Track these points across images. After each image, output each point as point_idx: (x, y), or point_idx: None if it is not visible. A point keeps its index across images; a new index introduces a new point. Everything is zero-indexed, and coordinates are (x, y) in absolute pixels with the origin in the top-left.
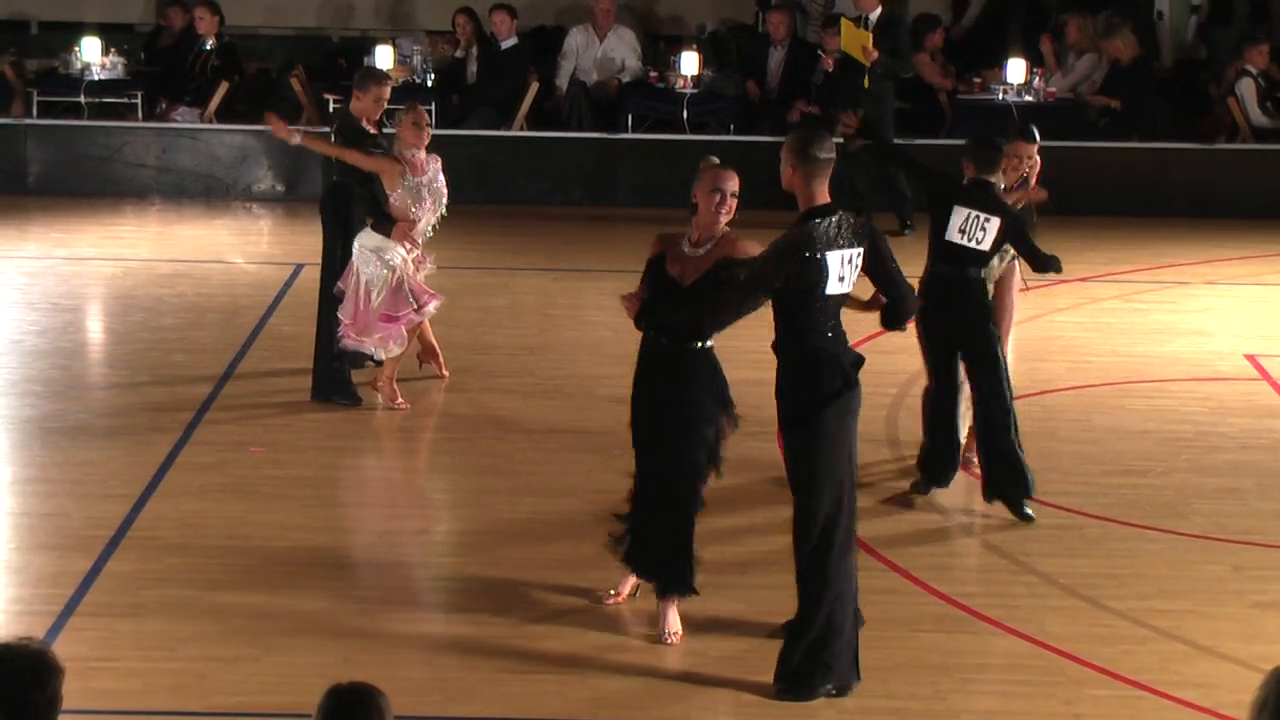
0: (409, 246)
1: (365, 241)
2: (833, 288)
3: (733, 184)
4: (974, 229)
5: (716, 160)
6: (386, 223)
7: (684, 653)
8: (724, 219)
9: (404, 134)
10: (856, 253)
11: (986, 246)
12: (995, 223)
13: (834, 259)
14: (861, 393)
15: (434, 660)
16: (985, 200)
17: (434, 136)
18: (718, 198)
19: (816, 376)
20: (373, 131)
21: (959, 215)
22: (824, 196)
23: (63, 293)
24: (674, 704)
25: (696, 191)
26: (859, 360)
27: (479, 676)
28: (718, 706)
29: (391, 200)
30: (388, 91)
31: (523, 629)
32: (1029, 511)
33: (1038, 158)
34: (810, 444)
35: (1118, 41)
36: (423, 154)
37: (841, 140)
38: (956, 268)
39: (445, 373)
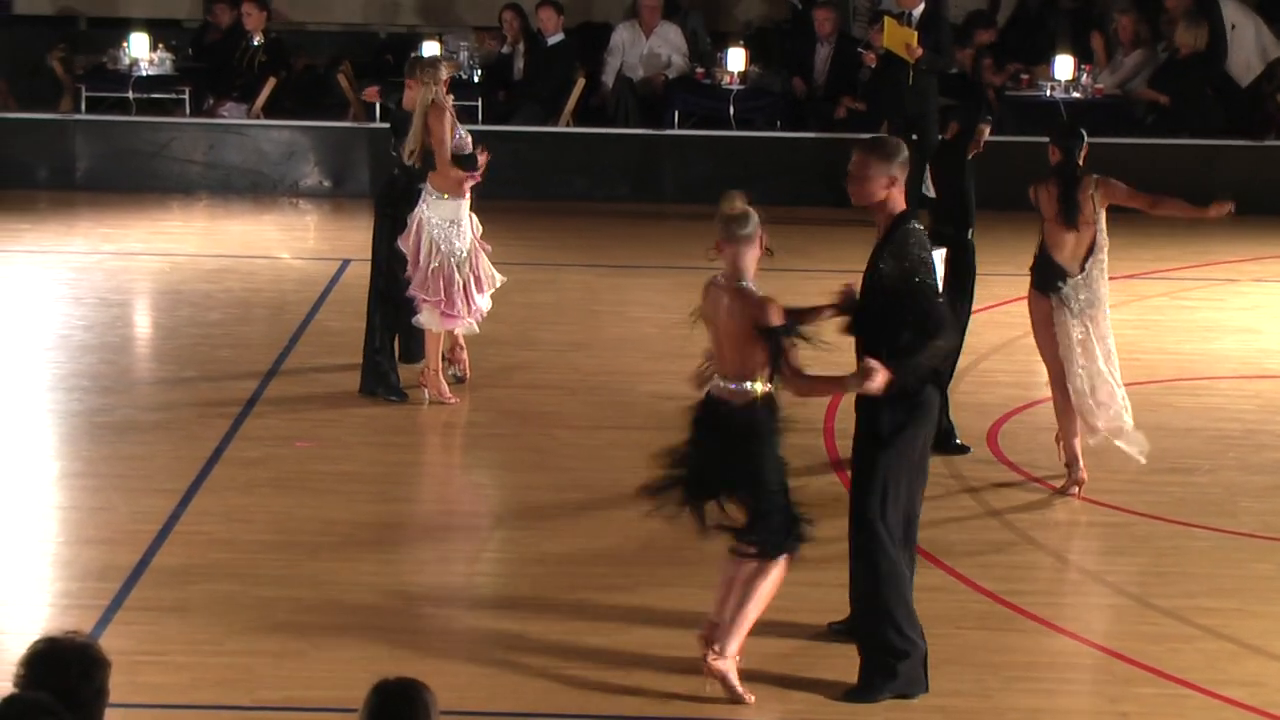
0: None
1: (439, 213)
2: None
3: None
4: None
5: (740, 205)
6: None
7: None
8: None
9: (443, 86)
10: (942, 253)
11: None
12: None
13: (936, 258)
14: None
15: (479, 656)
16: None
17: (480, 133)
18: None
19: (920, 393)
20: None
21: None
22: (905, 203)
23: (110, 288)
24: (719, 702)
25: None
26: (940, 371)
27: (524, 673)
28: (764, 705)
29: (457, 142)
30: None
31: (568, 625)
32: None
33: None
34: (895, 462)
35: (1188, 33)
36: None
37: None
38: None
39: (468, 372)
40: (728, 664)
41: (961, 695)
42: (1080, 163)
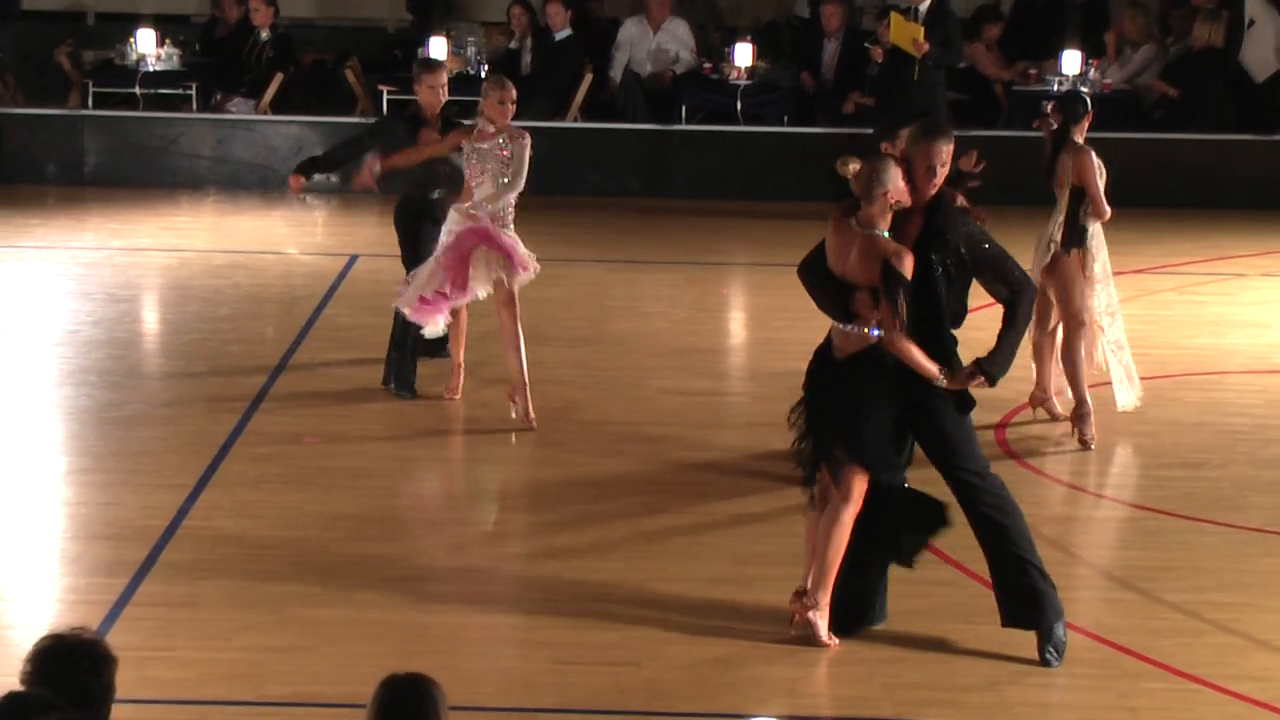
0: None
1: (449, 223)
2: None
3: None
4: None
5: (856, 162)
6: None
7: (739, 643)
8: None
9: (485, 107)
10: None
11: None
12: None
13: None
14: None
15: (488, 651)
16: None
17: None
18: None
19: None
20: (427, 119)
21: None
22: None
23: (119, 283)
24: (728, 694)
25: (893, 193)
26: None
27: (533, 667)
28: (772, 698)
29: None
30: (441, 78)
31: (577, 620)
32: None
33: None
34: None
35: (1204, 28)
36: (492, 127)
37: None
38: None
39: (532, 416)
40: (817, 614)
41: (971, 690)
42: (1071, 130)
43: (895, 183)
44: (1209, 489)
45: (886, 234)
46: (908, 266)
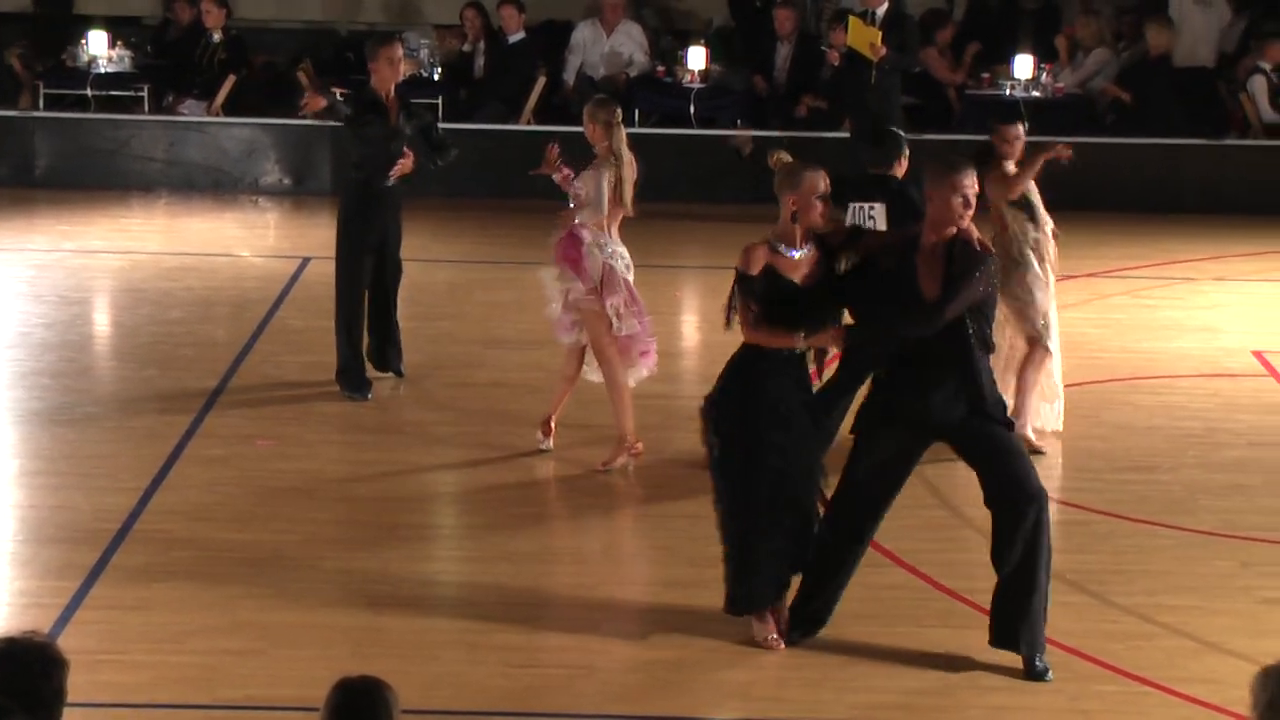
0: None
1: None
2: None
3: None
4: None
5: (788, 157)
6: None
7: (693, 646)
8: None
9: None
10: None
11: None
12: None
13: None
14: None
15: (442, 655)
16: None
17: (442, 130)
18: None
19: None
20: (383, 100)
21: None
22: None
23: (70, 285)
24: (681, 697)
25: (794, 198)
26: None
27: (487, 671)
28: (725, 701)
29: None
30: (398, 51)
31: (530, 623)
32: None
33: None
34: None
35: (1160, 35)
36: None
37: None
38: None
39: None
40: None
41: (924, 693)
42: (998, 148)
43: (802, 190)
44: (1161, 492)
45: (796, 252)
46: (753, 266)
